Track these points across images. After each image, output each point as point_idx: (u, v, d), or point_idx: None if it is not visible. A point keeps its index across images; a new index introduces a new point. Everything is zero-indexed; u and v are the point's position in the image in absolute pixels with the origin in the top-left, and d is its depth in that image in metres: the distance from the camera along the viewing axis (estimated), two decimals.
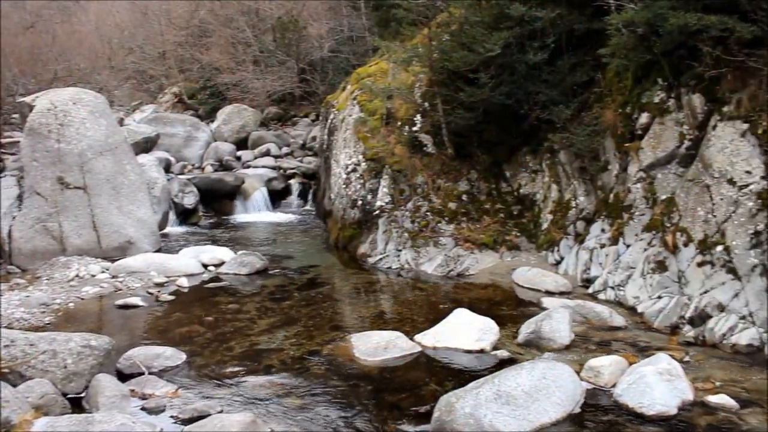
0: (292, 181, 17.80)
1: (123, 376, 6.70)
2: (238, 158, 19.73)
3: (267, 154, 19.68)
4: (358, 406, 6.14)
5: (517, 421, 5.40)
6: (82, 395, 6.30)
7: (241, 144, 20.78)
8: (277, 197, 17.25)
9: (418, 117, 12.19)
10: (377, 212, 11.56)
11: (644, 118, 9.18)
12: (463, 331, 7.50)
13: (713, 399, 5.93)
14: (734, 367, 6.66)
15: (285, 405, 6.16)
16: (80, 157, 11.72)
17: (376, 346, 7.30)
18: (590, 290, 9.16)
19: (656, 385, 5.91)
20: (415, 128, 12.12)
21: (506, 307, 8.84)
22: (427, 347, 7.41)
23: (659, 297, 8.12)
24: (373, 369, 6.96)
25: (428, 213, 11.26)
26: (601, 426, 5.61)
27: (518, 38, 10.51)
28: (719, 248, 7.62)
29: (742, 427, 5.53)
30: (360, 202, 11.94)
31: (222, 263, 11.17)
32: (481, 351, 7.24)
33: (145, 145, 17.68)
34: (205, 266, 11.10)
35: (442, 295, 9.56)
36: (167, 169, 17.39)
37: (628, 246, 8.99)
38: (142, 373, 6.72)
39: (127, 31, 31.94)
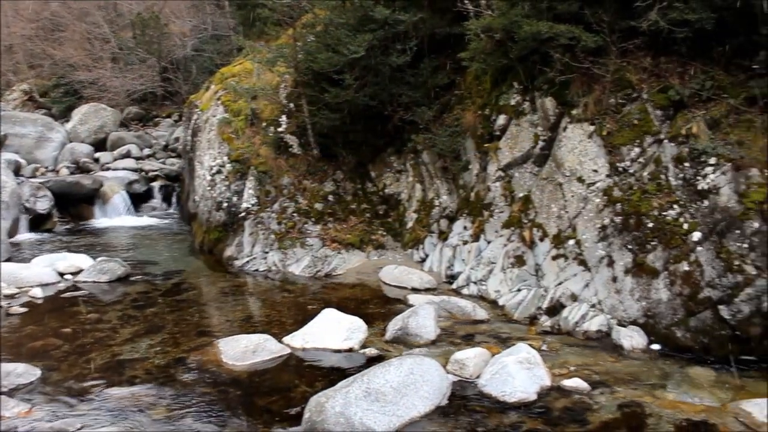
0: (154, 184, 17.25)
1: None
2: (97, 160, 18.84)
3: (127, 155, 18.95)
4: (227, 412, 6.03)
5: (387, 417, 5.50)
6: None
7: (100, 145, 19.91)
8: (139, 200, 16.63)
9: (284, 118, 12.14)
10: (243, 214, 11.40)
11: (502, 119, 9.60)
12: (332, 331, 7.55)
13: (568, 383, 6.30)
14: (586, 352, 7.11)
15: (151, 417, 5.93)
16: None
17: (245, 350, 7.19)
18: (454, 286, 9.47)
19: (517, 373, 6.21)
20: (280, 129, 12.06)
21: (374, 305, 8.96)
22: (296, 349, 7.39)
23: (518, 290, 8.52)
24: (242, 373, 6.85)
25: (295, 214, 11.24)
26: (467, 416, 5.81)
27: (382, 41, 10.69)
28: (571, 242, 8.13)
29: (592, 406, 5.92)
30: (225, 204, 11.72)
31: (80, 271, 10.62)
32: (350, 350, 7.31)
33: None
34: (62, 275, 10.50)
35: (310, 295, 9.56)
36: (17, 172, 16.33)
37: (488, 242, 9.37)
38: None
39: None
